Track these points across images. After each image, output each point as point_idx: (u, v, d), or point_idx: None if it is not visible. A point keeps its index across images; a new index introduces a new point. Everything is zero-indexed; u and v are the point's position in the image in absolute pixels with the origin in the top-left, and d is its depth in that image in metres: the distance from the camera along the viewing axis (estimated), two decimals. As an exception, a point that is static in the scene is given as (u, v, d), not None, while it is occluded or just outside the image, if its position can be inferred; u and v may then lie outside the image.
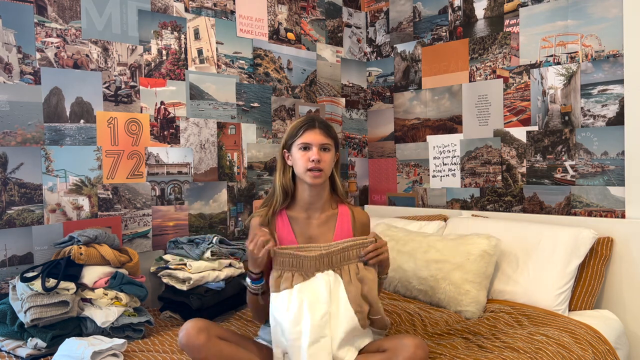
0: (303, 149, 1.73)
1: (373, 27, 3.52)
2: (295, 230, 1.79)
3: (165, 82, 2.61)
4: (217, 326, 1.67)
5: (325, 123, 1.79)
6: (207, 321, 1.63)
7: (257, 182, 2.98)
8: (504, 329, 2.07)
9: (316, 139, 1.73)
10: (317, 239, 1.78)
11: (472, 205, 2.99)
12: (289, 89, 3.13)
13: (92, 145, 2.38)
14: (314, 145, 1.72)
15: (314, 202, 1.80)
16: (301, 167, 1.73)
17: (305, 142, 1.73)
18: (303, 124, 1.76)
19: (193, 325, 1.58)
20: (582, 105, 2.55)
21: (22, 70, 2.19)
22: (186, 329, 1.58)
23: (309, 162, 1.71)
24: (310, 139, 1.73)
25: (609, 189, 2.48)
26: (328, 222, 1.81)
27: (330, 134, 1.77)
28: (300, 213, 1.81)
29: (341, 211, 1.84)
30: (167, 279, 2.36)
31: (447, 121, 3.10)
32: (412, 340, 1.57)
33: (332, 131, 1.79)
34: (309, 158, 1.71)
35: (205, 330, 1.58)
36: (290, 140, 1.77)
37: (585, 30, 2.53)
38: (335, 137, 1.79)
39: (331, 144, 1.76)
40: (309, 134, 1.73)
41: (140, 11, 2.53)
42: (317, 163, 1.71)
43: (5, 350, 1.88)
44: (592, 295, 2.32)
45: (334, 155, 1.79)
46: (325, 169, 1.73)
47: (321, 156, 1.72)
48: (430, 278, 2.36)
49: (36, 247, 2.21)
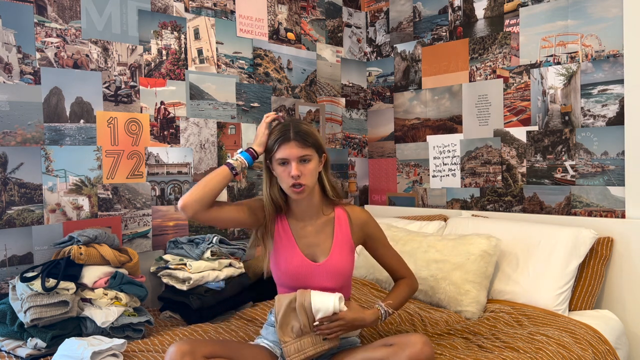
0: (282, 164, 1.66)
1: (373, 27, 3.52)
2: (296, 235, 1.78)
3: (165, 82, 2.61)
4: (206, 344, 1.59)
5: (301, 131, 1.66)
6: (193, 342, 1.56)
7: (257, 182, 2.98)
8: (504, 329, 2.07)
9: (292, 153, 1.64)
10: (317, 247, 1.77)
11: (472, 205, 2.99)
12: (289, 89, 3.13)
13: (92, 145, 2.38)
14: (292, 160, 1.64)
15: (306, 210, 1.77)
16: (284, 183, 1.68)
17: (282, 158, 1.65)
18: (277, 137, 1.66)
19: (177, 349, 1.50)
20: (582, 105, 2.55)
21: (22, 70, 2.19)
22: (170, 354, 1.51)
23: (289, 178, 1.64)
24: (287, 153, 1.64)
25: (609, 189, 2.48)
26: (325, 228, 1.79)
27: (308, 142, 1.66)
28: (297, 220, 1.79)
29: (337, 215, 1.81)
30: (167, 279, 2.36)
31: (447, 121, 3.10)
32: (419, 337, 1.57)
33: (311, 137, 1.67)
34: (289, 173, 1.64)
35: (190, 354, 1.50)
36: (268, 155, 1.71)
37: (585, 30, 2.53)
38: (316, 143, 1.68)
39: (311, 153, 1.67)
40: (284, 149, 1.64)
41: (140, 11, 2.53)
42: (297, 179, 1.64)
43: (5, 350, 1.88)
44: (592, 295, 2.32)
45: (318, 163, 1.71)
46: (307, 182, 1.66)
47: (301, 169, 1.64)
48: (430, 278, 2.36)
49: (36, 247, 2.21)
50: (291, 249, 1.75)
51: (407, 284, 1.88)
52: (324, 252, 1.76)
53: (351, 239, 1.80)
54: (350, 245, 1.80)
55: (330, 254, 1.75)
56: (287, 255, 1.75)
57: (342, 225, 1.80)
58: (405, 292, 1.85)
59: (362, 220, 1.83)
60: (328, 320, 1.63)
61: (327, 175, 1.77)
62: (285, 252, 1.76)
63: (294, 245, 1.76)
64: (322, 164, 1.75)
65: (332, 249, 1.76)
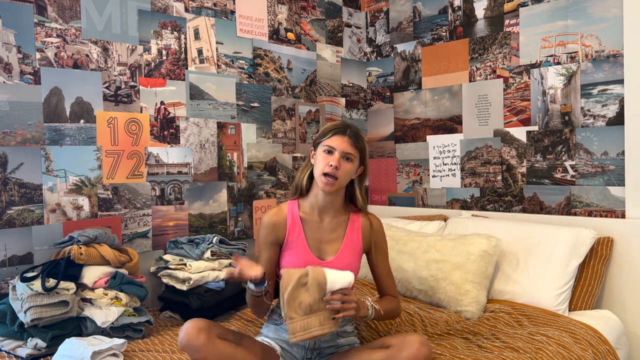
0: (327, 152, 1.72)
1: (373, 27, 3.52)
2: (307, 233, 1.79)
3: (165, 82, 2.61)
4: (218, 326, 1.66)
5: (357, 134, 1.76)
6: (207, 321, 1.62)
7: (257, 182, 2.98)
8: (504, 329, 2.07)
9: (341, 146, 1.71)
10: (327, 244, 1.78)
11: (472, 205, 2.99)
12: (289, 89, 3.13)
13: (92, 145, 2.38)
14: (337, 151, 1.71)
15: (325, 206, 1.80)
16: (319, 169, 1.72)
17: (330, 146, 1.72)
18: (335, 127, 1.75)
19: (193, 325, 1.57)
20: (582, 105, 2.55)
21: (22, 70, 2.19)
22: (186, 328, 1.57)
23: (327, 166, 1.70)
24: (336, 143, 1.71)
25: (609, 189, 2.48)
26: (338, 228, 1.81)
27: (358, 145, 1.74)
28: (312, 215, 1.81)
29: (352, 219, 1.83)
30: (167, 279, 2.36)
31: (447, 121, 3.10)
32: (416, 337, 1.58)
33: (362, 143, 1.75)
34: (329, 162, 1.70)
35: (206, 330, 1.57)
36: (318, 140, 1.77)
37: (585, 30, 2.53)
38: (363, 150, 1.76)
39: (355, 155, 1.74)
40: (336, 139, 1.72)
41: (140, 11, 2.53)
42: (334, 170, 1.69)
43: (5, 350, 1.88)
44: (592, 295, 2.32)
45: (356, 168, 1.76)
46: (340, 178, 1.71)
47: (341, 164, 1.70)
48: (430, 278, 2.36)
49: (36, 247, 2.21)
50: (301, 247, 1.77)
51: (394, 302, 1.86)
52: (332, 251, 1.78)
53: (361, 244, 1.83)
54: (359, 249, 1.83)
55: (338, 254, 1.78)
56: (297, 252, 1.77)
57: (355, 229, 1.82)
58: (391, 307, 1.83)
59: (375, 228, 1.86)
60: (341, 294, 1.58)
61: (359, 186, 1.82)
62: (295, 250, 1.78)
63: (304, 243, 1.77)
64: (359, 174, 1.79)
65: (340, 250, 1.78)
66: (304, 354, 1.74)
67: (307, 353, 1.73)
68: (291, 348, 1.74)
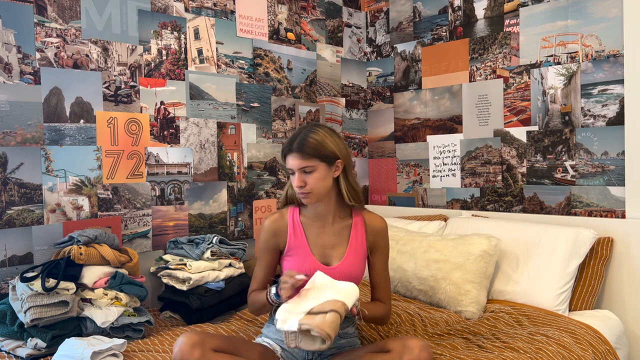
0: (291, 174, 1.73)
1: (373, 27, 3.52)
2: (309, 237, 1.78)
3: (165, 82, 2.61)
4: (213, 337, 1.61)
5: (305, 142, 1.67)
6: (201, 334, 1.58)
7: (257, 182, 2.98)
8: (504, 329, 2.07)
9: (294, 164, 1.69)
10: (332, 249, 1.78)
11: (472, 205, 2.99)
12: (289, 89, 3.13)
13: (92, 145, 2.38)
14: (295, 170, 1.70)
15: (320, 214, 1.80)
16: (294, 189, 1.75)
17: (288, 168, 1.72)
18: (284, 147, 1.73)
19: (187, 340, 1.53)
20: (582, 105, 2.55)
21: (22, 70, 2.19)
22: (180, 344, 1.53)
23: (296, 187, 1.71)
24: (290, 164, 1.70)
25: (609, 189, 2.48)
26: (342, 232, 1.80)
27: (309, 154, 1.66)
28: (314, 220, 1.81)
29: (355, 221, 1.82)
30: (167, 279, 2.36)
31: (447, 121, 3.10)
32: (416, 342, 1.57)
33: (313, 149, 1.67)
34: (295, 184, 1.71)
35: (199, 344, 1.53)
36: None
37: (586, 30, 2.53)
38: (320, 153, 1.67)
39: (313, 164, 1.67)
40: (288, 159, 1.71)
41: (140, 11, 2.53)
42: (302, 189, 1.69)
43: (5, 350, 1.88)
44: (592, 295, 2.32)
45: (326, 171, 1.70)
46: (314, 190, 1.69)
47: (304, 179, 1.68)
48: (430, 278, 2.36)
49: (36, 247, 2.21)
50: (304, 254, 1.76)
51: (384, 308, 1.83)
52: (338, 256, 1.78)
53: (365, 246, 1.81)
54: (364, 251, 1.81)
55: (344, 258, 1.77)
56: (300, 259, 1.76)
57: (359, 231, 1.81)
58: (379, 312, 1.80)
59: (378, 228, 1.83)
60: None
61: (345, 181, 1.76)
62: (298, 256, 1.77)
63: (307, 249, 1.77)
64: (340, 170, 1.74)
65: (346, 254, 1.77)
66: (304, 355, 1.73)
67: (308, 354, 1.73)
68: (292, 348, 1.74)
